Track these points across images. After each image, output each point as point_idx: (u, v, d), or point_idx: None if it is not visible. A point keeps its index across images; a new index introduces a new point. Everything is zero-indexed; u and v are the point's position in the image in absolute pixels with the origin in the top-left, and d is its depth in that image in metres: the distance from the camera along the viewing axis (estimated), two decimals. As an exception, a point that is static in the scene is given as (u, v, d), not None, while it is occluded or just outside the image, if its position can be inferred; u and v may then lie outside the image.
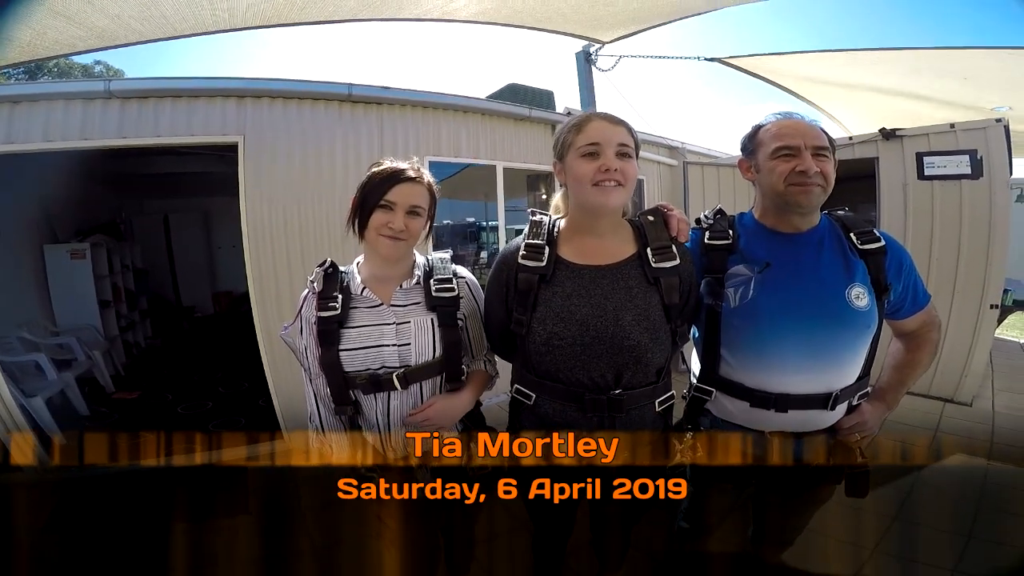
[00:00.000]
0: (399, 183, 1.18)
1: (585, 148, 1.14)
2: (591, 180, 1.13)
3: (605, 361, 1.16)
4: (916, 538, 2.30)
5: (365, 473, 1.28)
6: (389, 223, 1.18)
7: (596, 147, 1.14)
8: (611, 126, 1.16)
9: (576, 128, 1.18)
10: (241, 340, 4.03)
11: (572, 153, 1.17)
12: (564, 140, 1.20)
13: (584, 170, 1.14)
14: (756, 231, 1.35)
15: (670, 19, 4.07)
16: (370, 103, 3.56)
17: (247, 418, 3.90)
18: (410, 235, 1.21)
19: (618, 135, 1.15)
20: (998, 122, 3.61)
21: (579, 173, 1.15)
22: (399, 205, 1.18)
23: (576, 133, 1.17)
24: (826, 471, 1.35)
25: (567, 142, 1.19)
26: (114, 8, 2.52)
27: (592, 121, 1.17)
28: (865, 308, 1.23)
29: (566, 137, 1.20)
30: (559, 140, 1.23)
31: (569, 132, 1.19)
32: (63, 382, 3.83)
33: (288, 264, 3.22)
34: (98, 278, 4.93)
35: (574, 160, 1.16)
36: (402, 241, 1.20)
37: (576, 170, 1.16)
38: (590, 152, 1.14)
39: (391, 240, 1.19)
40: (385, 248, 1.20)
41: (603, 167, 1.12)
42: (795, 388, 1.26)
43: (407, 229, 1.19)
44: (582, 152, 1.15)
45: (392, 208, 1.18)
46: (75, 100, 2.92)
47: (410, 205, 1.20)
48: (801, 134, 1.23)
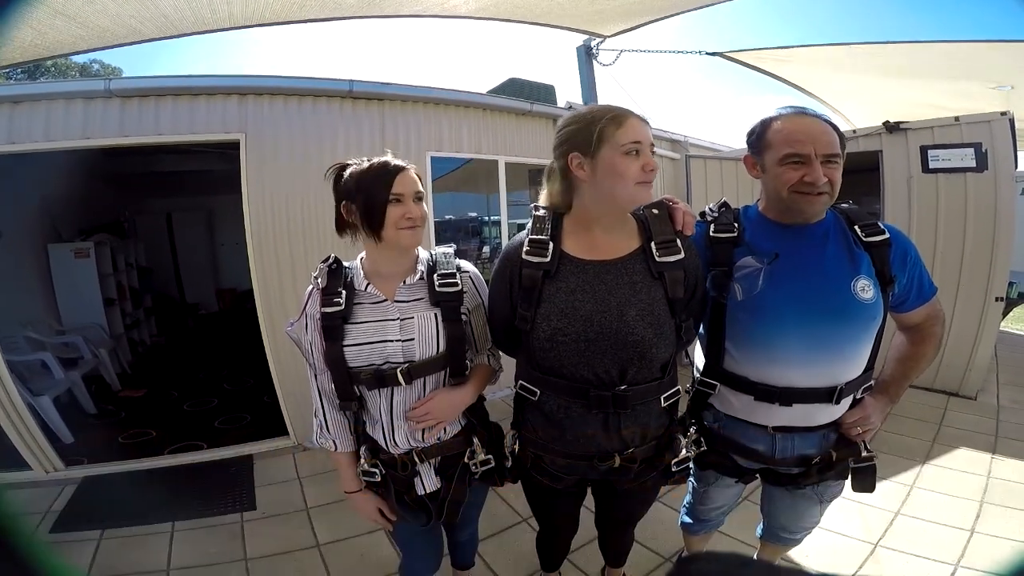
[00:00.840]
0: (398, 174, 1.19)
1: (629, 146, 1.11)
2: (636, 178, 1.12)
3: (609, 357, 1.16)
4: (920, 533, 2.29)
5: (368, 470, 1.30)
6: (406, 214, 1.18)
7: (638, 145, 1.12)
8: (645, 126, 1.15)
9: (614, 123, 1.12)
10: (246, 337, 4.05)
11: (610, 148, 1.12)
12: (599, 132, 1.12)
13: (629, 168, 1.11)
14: (761, 224, 1.34)
15: (669, 13, 4.04)
16: (371, 99, 3.56)
17: (252, 415, 3.92)
18: (424, 221, 1.23)
19: (650, 135, 1.15)
20: (1003, 115, 3.57)
21: (623, 170, 1.12)
22: (406, 195, 1.19)
23: (616, 128, 1.12)
24: (831, 466, 1.34)
25: (603, 135, 1.12)
26: (114, 7, 2.51)
27: (631, 118, 1.14)
28: (871, 300, 1.22)
29: (603, 131, 1.12)
30: (588, 132, 1.14)
31: (605, 126, 1.12)
32: (70, 381, 3.85)
33: (291, 260, 3.22)
34: (102, 276, 4.96)
35: (614, 156, 1.12)
36: (420, 228, 1.22)
37: (618, 166, 1.12)
38: (634, 150, 1.12)
39: (411, 230, 1.20)
40: (408, 239, 1.20)
41: (648, 166, 1.13)
42: (800, 382, 1.25)
43: (423, 215, 1.21)
44: (626, 149, 1.11)
45: (401, 199, 1.18)
46: (76, 99, 2.92)
47: (414, 192, 1.20)
48: (813, 140, 1.19)
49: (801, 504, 1.49)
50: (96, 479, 2.99)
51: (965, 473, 2.78)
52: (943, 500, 2.54)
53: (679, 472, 1.32)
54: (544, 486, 1.36)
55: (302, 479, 2.97)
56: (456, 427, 1.34)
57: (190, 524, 2.52)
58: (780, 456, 1.35)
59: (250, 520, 2.57)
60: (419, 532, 1.38)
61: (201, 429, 3.71)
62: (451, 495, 1.33)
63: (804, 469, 1.34)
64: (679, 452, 1.30)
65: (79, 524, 2.54)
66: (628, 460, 1.23)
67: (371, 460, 1.30)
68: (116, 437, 3.62)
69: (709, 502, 1.64)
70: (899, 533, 2.30)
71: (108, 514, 2.60)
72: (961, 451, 3.03)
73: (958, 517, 2.38)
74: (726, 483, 1.54)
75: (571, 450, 1.25)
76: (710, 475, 1.54)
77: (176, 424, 3.83)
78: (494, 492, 1.47)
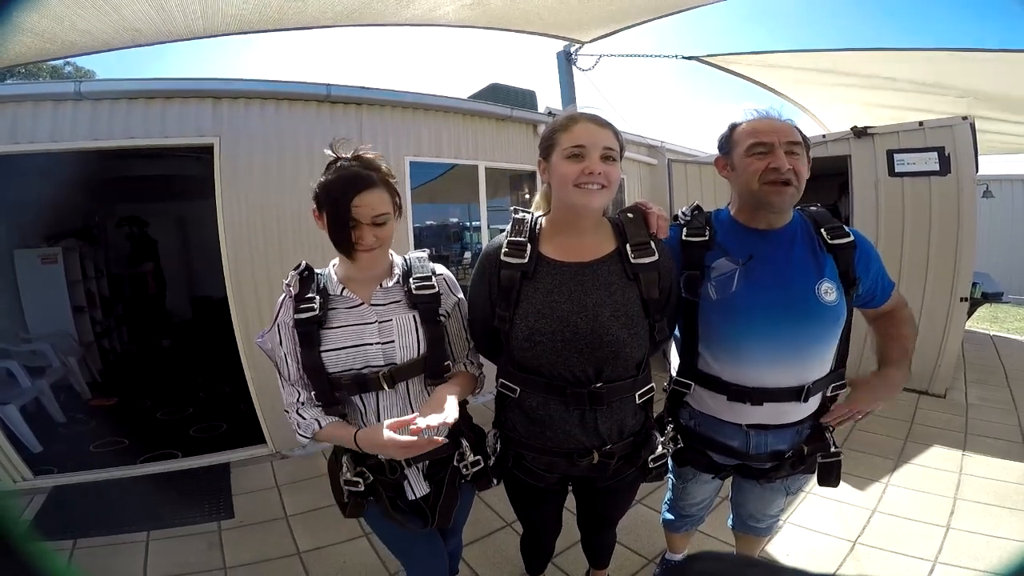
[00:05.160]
0: (356, 196, 1.13)
1: (571, 150, 1.15)
2: (573, 181, 1.14)
3: (585, 356, 1.18)
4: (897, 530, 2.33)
5: (351, 479, 1.26)
6: (360, 239, 1.16)
7: (581, 149, 1.14)
8: (598, 128, 1.16)
9: (563, 128, 1.18)
10: (221, 345, 3.97)
11: (557, 153, 1.17)
12: (550, 139, 1.20)
13: (568, 171, 1.15)
14: (731, 228, 1.38)
15: (646, 18, 4.11)
16: (349, 104, 3.55)
17: (228, 423, 3.84)
18: (382, 243, 1.19)
19: (604, 138, 1.15)
20: (964, 120, 3.71)
21: (563, 173, 1.16)
22: (362, 222, 1.14)
23: (562, 133, 1.17)
24: (802, 460, 1.38)
25: (553, 141, 1.19)
26: (83, 24, 2.45)
27: (579, 123, 1.17)
28: (834, 303, 1.26)
29: (552, 137, 1.19)
30: (545, 138, 1.22)
31: (555, 132, 1.19)
32: (37, 389, 3.74)
33: (267, 267, 3.18)
34: (71, 283, 4.82)
35: (559, 160, 1.17)
36: (380, 249, 1.19)
37: (560, 170, 1.16)
38: (575, 154, 1.14)
39: (369, 253, 1.18)
40: (367, 261, 1.19)
41: (587, 170, 1.13)
42: (769, 382, 1.29)
43: (378, 239, 1.18)
44: (567, 153, 1.15)
45: (358, 226, 1.15)
46: (45, 102, 2.85)
47: (372, 217, 1.15)
48: (774, 131, 1.26)
49: (768, 494, 1.55)
50: (67, 488, 2.90)
51: (938, 470, 2.85)
52: (918, 497, 2.59)
53: (657, 469, 1.34)
54: (527, 485, 1.37)
55: (280, 487, 2.92)
56: (443, 430, 1.33)
57: (166, 533, 2.46)
58: (754, 452, 1.39)
59: (228, 528, 2.52)
60: (420, 538, 1.35)
61: (176, 438, 3.63)
62: (443, 498, 1.31)
63: (776, 464, 1.38)
64: (656, 449, 1.32)
65: (50, 534, 2.46)
66: (606, 456, 1.24)
67: (355, 468, 1.27)
68: (87, 446, 3.52)
69: (688, 497, 1.67)
70: (877, 531, 2.34)
71: (80, 524, 2.52)
72: (934, 448, 3.11)
73: (933, 514, 2.43)
74: (704, 479, 1.58)
75: (551, 447, 1.26)
76: (688, 472, 1.58)
77: (150, 433, 3.74)
78: (478, 497, 1.45)
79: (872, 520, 2.42)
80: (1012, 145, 6.46)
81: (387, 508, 1.28)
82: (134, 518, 2.57)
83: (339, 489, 1.31)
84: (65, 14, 2.31)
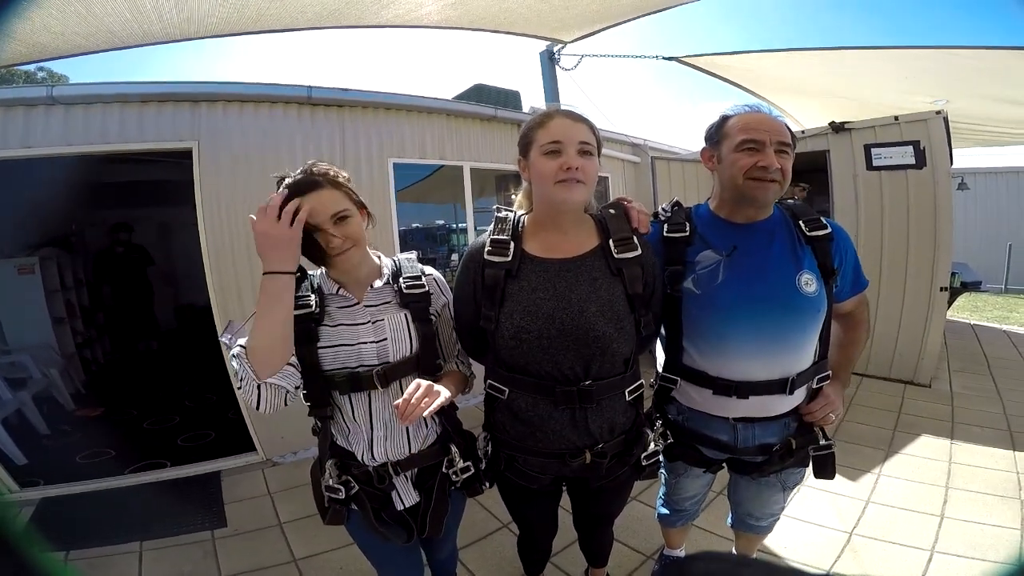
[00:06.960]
0: (303, 196, 1.09)
1: (548, 146, 1.16)
2: (553, 178, 1.15)
3: (572, 353, 1.18)
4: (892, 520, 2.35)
5: (333, 486, 1.24)
6: (327, 243, 1.13)
7: (558, 145, 1.15)
8: (573, 124, 1.17)
9: (539, 125, 1.19)
10: (206, 353, 3.91)
11: (535, 150, 1.18)
12: (527, 136, 1.21)
13: (546, 168, 1.16)
14: (712, 222, 1.40)
15: (626, 18, 4.13)
16: (331, 106, 3.51)
17: (217, 431, 3.79)
18: (355, 242, 1.16)
19: (579, 133, 1.16)
20: (938, 114, 3.80)
21: (541, 170, 1.17)
22: (323, 226, 1.12)
23: (539, 130, 1.19)
24: (791, 453, 1.39)
25: (530, 139, 1.20)
26: (57, 26, 2.40)
27: (554, 119, 1.18)
28: (814, 293, 1.28)
29: (529, 134, 1.21)
30: (523, 136, 1.23)
31: (532, 129, 1.20)
32: (19, 401, 3.66)
33: (251, 274, 3.12)
34: (49, 293, 4.71)
35: (537, 157, 1.18)
36: (354, 248, 1.17)
37: (539, 167, 1.17)
38: (552, 150, 1.15)
39: (342, 255, 1.16)
40: (342, 264, 1.18)
41: (564, 165, 1.14)
42: (754, 375, 1.31)
43: (347, 238, 1.15)
44: (545, 150, 1.16)
45: (320, 230, 1.12)
46: (16, 107, 2.78)
47: (331, 216, 1.13)
48: (767, 128, 1.27)
49: (765, 491, 1.55)
50: (55, 500, 2.85)
51: (928, 460, 2.88)
52: (911, 487, 2.62)
53: (649, 466, 1.34)
54: (520, 487, 1.37)
55: (273, 494, 2.89)
56: (432, 436, 1.32)
57: (159, 543, 2.43)
58: (742, 445, 1.40)
59: (222, 537, 2.49)
60: (399, 550, 1.33)
61: (164, 447, 3.57)
62: (433, 507, 1.29)
63: (766, 457, 1.39)
64: (647, 446, 1.33)
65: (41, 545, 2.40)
66: (598, 456, 1.24)
67: (339, 476, 1.24)
68: (74, 457, 3.44)
69: (682, 491, 1.68)
70: (872, 521, 2.35)
71: (71, 535, 2.48)
72: (923, 438, 3.15)
73: (927, 503, 2.46)
74: (695, 473, 1.58)
75: (542, 448, 1.26)
76: (679, 466, 1.59)
77: (137, 443, 3.67)
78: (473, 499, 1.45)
79: (867, 511, 2.44)
80: (986, 138, 6.62)
81: (370, 520, 1.24)
82: (126, 529, 2.52)
83: (320, 495, 1.29)
84: (35, 14, 2.25)
